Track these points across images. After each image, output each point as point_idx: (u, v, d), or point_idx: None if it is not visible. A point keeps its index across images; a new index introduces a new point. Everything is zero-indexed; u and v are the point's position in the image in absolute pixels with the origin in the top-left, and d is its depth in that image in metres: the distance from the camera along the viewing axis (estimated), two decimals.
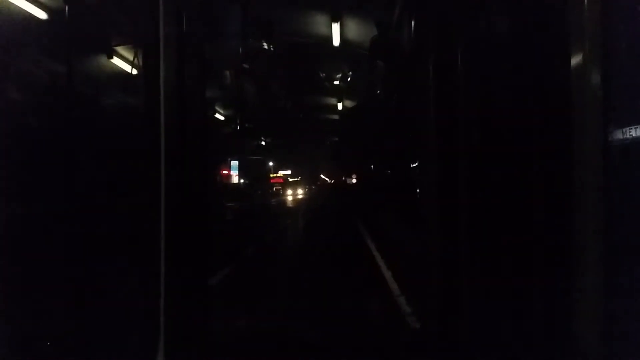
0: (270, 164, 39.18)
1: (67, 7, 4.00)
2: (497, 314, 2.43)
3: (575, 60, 1.94)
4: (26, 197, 2.99)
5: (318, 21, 9.07)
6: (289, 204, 32.12)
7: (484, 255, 2.56)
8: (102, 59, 5.50)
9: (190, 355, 2.14)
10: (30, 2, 5.27)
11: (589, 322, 1.74)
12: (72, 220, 3.16)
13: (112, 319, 2.50)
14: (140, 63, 2.49)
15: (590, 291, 1.74)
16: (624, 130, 1.80)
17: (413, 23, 3.39)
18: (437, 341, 2.71)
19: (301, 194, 38.81)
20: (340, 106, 18.10)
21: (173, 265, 2.09)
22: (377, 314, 4.74)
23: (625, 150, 1.78)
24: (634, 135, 1.77)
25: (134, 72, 3.45)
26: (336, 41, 9.28)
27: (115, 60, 6.05)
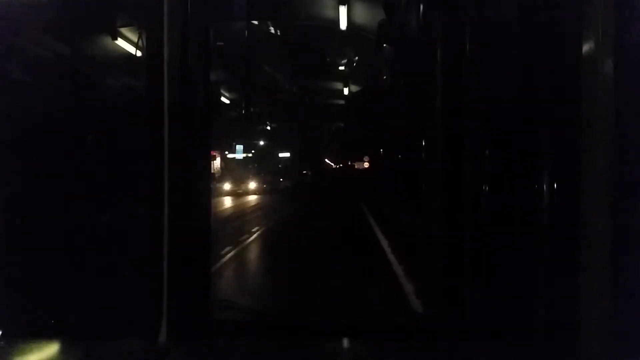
0: (261, 142, 34.20)
1: None
2: (500, 301, 2.44)
3: (587, 48, 1.90)
4: (26, 181, 3.00)
5: (325, 4, 8.95)
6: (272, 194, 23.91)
7: (488, 243, 2.56)
8: (105, 39, 5.46)
9: (193, 334, 2.17)
10: None
11: (594, 313, 1.74)
12: (74, 203, 3.18)
13: (117, 298, 2.54)
14: (144, 44, 2.47)
15: (596, 284, 1.74)
16: (635, 121, 1.77)
17: (421, 6, 3.34)
18: (439, 327, 2.73)
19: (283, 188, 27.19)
20: (346, 91, 18.01)
21: (176, 248, 2.11)
22: None
23: (633, 144, 1.76)
24: None
25: (138, 53, 3.44)
26: (343, 25, 9.16)
27: (119, 42, 6.01)
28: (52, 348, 2.21)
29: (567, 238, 1.96)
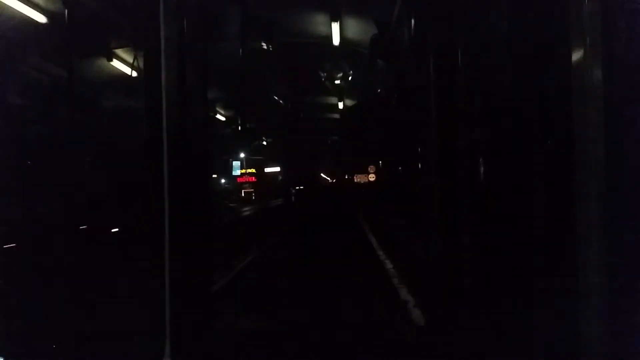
0: (242, 155, 27.50)
1: (66, 11, 4.01)
2: (501, 311, 2.43)
3: (576, 56, 1.95)
4: (26, 200, 3.00)
5: (317, 21, 9.07)
6: None
7: (486, 252, 2.56)
8: (103, 62, 5.51)
9: (196, 357, 2.15)
10: (29, 6, 5.29)
11: (593, 319, 1.74)
12: (75, 222, 3.17)
13: (119, 321, 2.52)
14: (142, 66, 2.50)
15: (593, 288, 1.75)
16: (625, 126, 1.80)
17: (412, 21, 3.39)
18: (441, 338, 2.72)
19: None
20: (341, 105, 18.08)
21: (177, 267, 2.10)
22: None
23: (626, 147, 1.78)
24: (635, 131, 1.77)
25: (135, 75, 3.47)
26: (336, 40, 9.29)
27: (116, 64, 6.05)
28: None
29: (564, 250, 1.98)
